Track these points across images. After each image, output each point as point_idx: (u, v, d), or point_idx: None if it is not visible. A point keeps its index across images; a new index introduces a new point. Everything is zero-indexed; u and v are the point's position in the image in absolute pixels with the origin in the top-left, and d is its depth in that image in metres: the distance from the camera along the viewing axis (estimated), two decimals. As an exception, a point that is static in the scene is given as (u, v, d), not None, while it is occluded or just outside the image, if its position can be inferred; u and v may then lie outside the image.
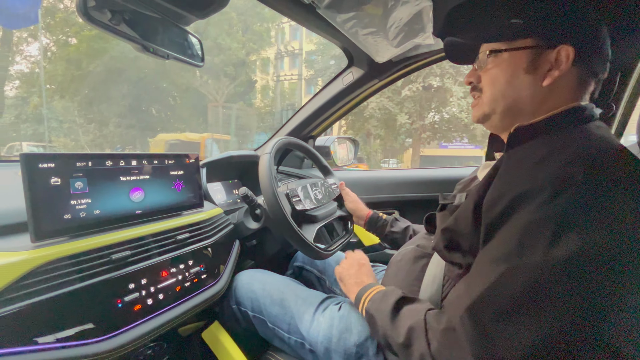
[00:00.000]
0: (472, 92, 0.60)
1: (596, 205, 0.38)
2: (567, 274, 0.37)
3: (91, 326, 0.54)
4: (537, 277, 0.38)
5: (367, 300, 0.63)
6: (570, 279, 0.37)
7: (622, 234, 0.38)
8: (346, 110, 1.37)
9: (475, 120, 0.60)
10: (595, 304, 0.37)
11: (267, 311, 0.79)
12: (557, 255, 0.38)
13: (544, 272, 0.38)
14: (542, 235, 0.39)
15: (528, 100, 0.52)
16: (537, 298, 0.38)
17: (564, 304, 0.37)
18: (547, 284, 0.38)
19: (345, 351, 0.67)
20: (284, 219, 0.80)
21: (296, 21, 0.89)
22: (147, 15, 0.65)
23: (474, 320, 0.41)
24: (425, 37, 0.94)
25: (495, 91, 0.54)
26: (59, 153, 0.56)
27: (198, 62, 0.76)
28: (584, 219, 0.38)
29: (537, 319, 0.38)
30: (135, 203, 0.67)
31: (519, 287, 0.39)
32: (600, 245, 0.37)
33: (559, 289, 0.37)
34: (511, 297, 0.39)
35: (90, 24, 0.57)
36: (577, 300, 0.37)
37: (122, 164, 0.65)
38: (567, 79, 0.50)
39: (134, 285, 0.61)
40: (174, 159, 0.77)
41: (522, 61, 0.51)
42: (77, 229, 0.58)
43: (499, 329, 0.39)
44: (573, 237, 0.38)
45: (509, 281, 0.40)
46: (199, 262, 0.75)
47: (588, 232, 0.38)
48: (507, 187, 0.45)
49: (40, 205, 0.53)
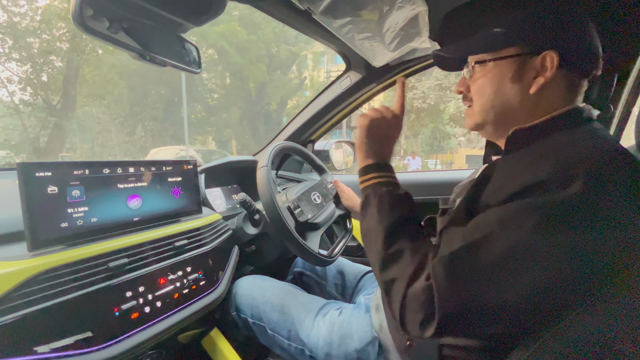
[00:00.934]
0: (463, 102, 0.60)
1: (592, 206, 0.39)
2: (543, 258, 0.39)
3: (89, 335, 0.54)
4: (514, 251, 0.40)
5: (377, 181, 0.56)
6: (543, 263, 0.39)
7: (613, 237, 0.38)
8: (344, 114, 1.37)
9: (470, 128, 0.59)
10: (559, 291, 0.39)
11: (267, 318, 0.78)
12: (539, 240, 0.39)
13: (521, 249, 0.40)
14: (529, 220, 0.40)
15: (517, 108, 0.52)
16: (507, 267, 0.40)
17: (530, 281, 0.39)
18: (522, 259, 0.39)
19: (346, 357, 0.66)
20: (289, 234, 0.79)
21: (293, 27, 0.90)
22: (144, 24, 0.65)
23: (445, 270, 0.42)
24: (421, 41, 0.94)
25: (484, 101, 0.54)
26: (55, 162, 0.56)
27: (195, 68, 0.77)
28: (575, 218, 0.39)
29: (501, 284, 0.40)
30: (132, 210, 0.67)
31: (496, 252, 0.40)
32: (584, 245, 0.38)
33: (530, 266, 0.39)
34: (485, 258, 0.41)
35: (87, 34, 0.57)
36: (543, 283, 0.39)
37: (119, 172, 0.65)
38: (556, 84, 0.50)
39: (132, 293, 0.60)
40: (172, 165, 0.77)
41: (508, 70, 0.51)
42: (74, 237, 0.58)
43: (466, 282, 0.41)
44: (560, 232, 0.39)
45: (488, 245, 0.41)
46: (198, 268, 0.75)
47: (575, 231, 0.38)
48: (505, 181, 0.45)
49: (36, 214, 0.53)
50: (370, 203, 0.55)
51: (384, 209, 0.53)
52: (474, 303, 0.41)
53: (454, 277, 0.42)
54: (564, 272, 0.39)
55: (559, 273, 0.39)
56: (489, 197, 0.47)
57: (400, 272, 0.46)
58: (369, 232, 0.53)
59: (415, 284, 0.44)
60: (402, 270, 0.46)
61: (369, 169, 0.59)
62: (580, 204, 0.39)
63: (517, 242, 0.40)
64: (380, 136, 0.60)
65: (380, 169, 0.58)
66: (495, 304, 0.40)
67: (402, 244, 0.49)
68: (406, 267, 0.46)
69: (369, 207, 0.55)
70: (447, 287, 0.41)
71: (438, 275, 0.42)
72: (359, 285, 0.96)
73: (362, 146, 0.60)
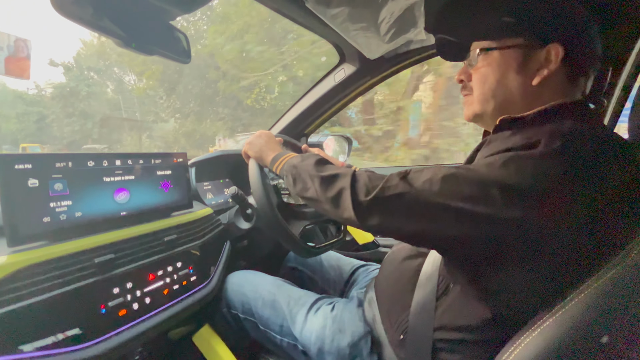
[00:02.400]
0: (462, 91, 0.59)
1: (564, 166, 0.40)
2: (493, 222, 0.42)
3: (75, 332, 0.52)
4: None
5: (287, 158, 0.67)
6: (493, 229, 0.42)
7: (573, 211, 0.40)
8: (339, 107, 1.35)
9: (468, 119, 0.59)
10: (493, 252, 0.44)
11: (258, 313, 0.77)
12: (501, 213, 0.41)
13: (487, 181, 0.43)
14: (499, 162, 0.43)
15: (518, 99, 0.52)
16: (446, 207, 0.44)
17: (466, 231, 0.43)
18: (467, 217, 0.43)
19: (338, 352, 0.66)
20: (269, 209, 0.75)
21: (285, 16, 0.87)
22: (130, 10, 0.63)
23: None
24: (416, 33, 0.93)
25: (486, 90, 0.54)
26: (36, 154, 0.54)
27: (184, 58, 0.74)
28: (547, 171, 0.40)
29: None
30: (119, 204, 0.65)
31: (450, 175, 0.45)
32: (541, 217, 0.40)
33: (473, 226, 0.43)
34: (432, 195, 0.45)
35: (69, 19, 0.54)
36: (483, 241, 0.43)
37: (105, 164, 0.63)
38: (557, 77, 0.50)
39: (119, 290, 0.59)
40: (161, 158, 0.74)
41: (512, 60, 0.51)
42: (57, 233, 0.56)
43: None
44: (520, 203, 0.41)
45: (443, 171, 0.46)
46: (188, 263, 0.73)
47: (544, 182, 0.40)
48: (486, 152, 0.49)
49: (16, 208, 0.51)
50: (296, 167, 0.63)
51: (305, 163, 0.62)
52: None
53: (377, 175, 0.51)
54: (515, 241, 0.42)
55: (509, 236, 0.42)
56: None
57: (342, 184, 0.53)
58: (306, 188, 0.59)
59: (357, 184, 0.51)
60: (343, 182, 0.53)
61: (278, 156, 0.70)
62: (553, 161, 0.40)
63: (483, 174, 0.43)
64: (266, 141, 0.76)
65: (283, 153, 0.70)
66: None
67: (333, 169, 0.58)
68: (345, 178, 0.54)
69: (296, 171, 0.62)
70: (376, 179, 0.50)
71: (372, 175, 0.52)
72: (351, 279, 0.95)
73: (260, 148, 0.75)
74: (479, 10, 0.54)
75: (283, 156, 0.69)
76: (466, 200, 0.42)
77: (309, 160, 0.62)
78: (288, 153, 0.70)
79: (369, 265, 0.97)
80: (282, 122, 1.39)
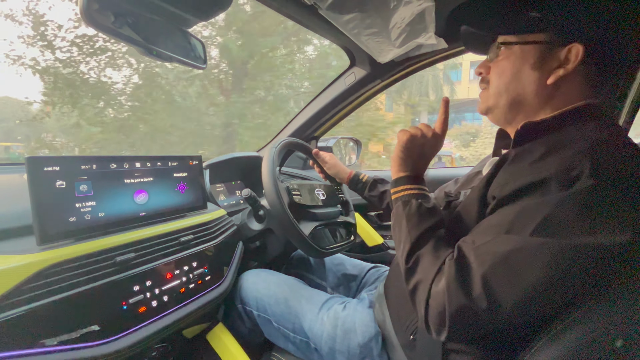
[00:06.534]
0: (480, 84, 0.60)
1: (600, 201, 0.39)
2: (543, 259, 0.39)
3: (97, 328, 0.54)
4: (517, 253, 0.41)
5: (409, 194, 0.58)
6: (543, 263, 0.39)
7: (621, 231, 0.38)
8: (348, 110, 1.36)
9: (481, 112, 0.60)
10: (563, 290, 0.40)
11: (271, 310, 0.79)
12: (541, 241, 0.40)
13: (523, 251, 0.41)
14: (532, 221, 0.41)
15: (532, 96, 0.52)
16: (510, 270, 0.41)
17: (532, 283, 0.40)
18: (523, 262, 0.40)
19: (349, 351, 0.67)
20: (281, 209, 0.79)
21: (298, 22, 0.89)
22: (150, 18, 0.65)
23: (455, 273, 0.44)
24: (427, 37, 0.93)
25: (501, 83, 0.54)
26: (63, 156, 0.56)
27: (201, 64, 0.76)
28: (582, 214, 0.39)
29: (504, 286, 0.41)
30: (139, 205, 0.68)
31: (499, 254, 0.42)
32: (591, 242, 0.38)
33: (530, 268, 0.40)
34: (490, 260, 0.42)
35: (93, 28, 0.57)
36: (546, 283, 0.39)
37: (126, 167, 0.66)
38: (575, 78, 0.49)
39: (139, 287, 0.61)
40: (178, 160, 0.77)
41: (531, 56, 0.51)
42: (82, 232, 0.58)
43: (471, 284, 0.42)
44: (563, 231, 0.39)
45: (492, 247, 0.43)
46: (203, 263, 0.75)
47: (574, 230, 0.39)
48: (511, 177, 0.46)
49: (45, 208, 0.54)
50: (401, 213, 0.56)
51: (413, 220, 0.54)
52: (480, 303, 0.41)
53: (461, 279, 0.43)
54: (566, 272, 0.39)
55: (561, 273, 0.39)
56: (495, 190, 0.47)
57: (424, 276, 0.48)
58: (399, 241, 0.55)
59: (437, 287, 0.45)
60: (426, 274, 0.48)
61: (401, 181, 0.60)
62: (588, 199, 0.39)
63: (519, 244, 0.41)
64: (417, 153, 0.61)
65: (412, 181, 0.59)
66: (498, 307, 0.41)
67: (427, 250, 0.50)
68: (429, 271, 0.47)
69: (399, 217, 0.56)
70: (456, 289, 0.43)
71: (449, 277, 0.44)
72: (362, 281, 0.96)
73: (397, 160, 0.61)
74: (506, 2, 0.53)
75: (410, 186, 0.59)
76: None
77: (410, 223, 0.54)
78: (417, 185, 0.59)
79: (379, 267, 0.98)
80: (293, 125, 1.40)
